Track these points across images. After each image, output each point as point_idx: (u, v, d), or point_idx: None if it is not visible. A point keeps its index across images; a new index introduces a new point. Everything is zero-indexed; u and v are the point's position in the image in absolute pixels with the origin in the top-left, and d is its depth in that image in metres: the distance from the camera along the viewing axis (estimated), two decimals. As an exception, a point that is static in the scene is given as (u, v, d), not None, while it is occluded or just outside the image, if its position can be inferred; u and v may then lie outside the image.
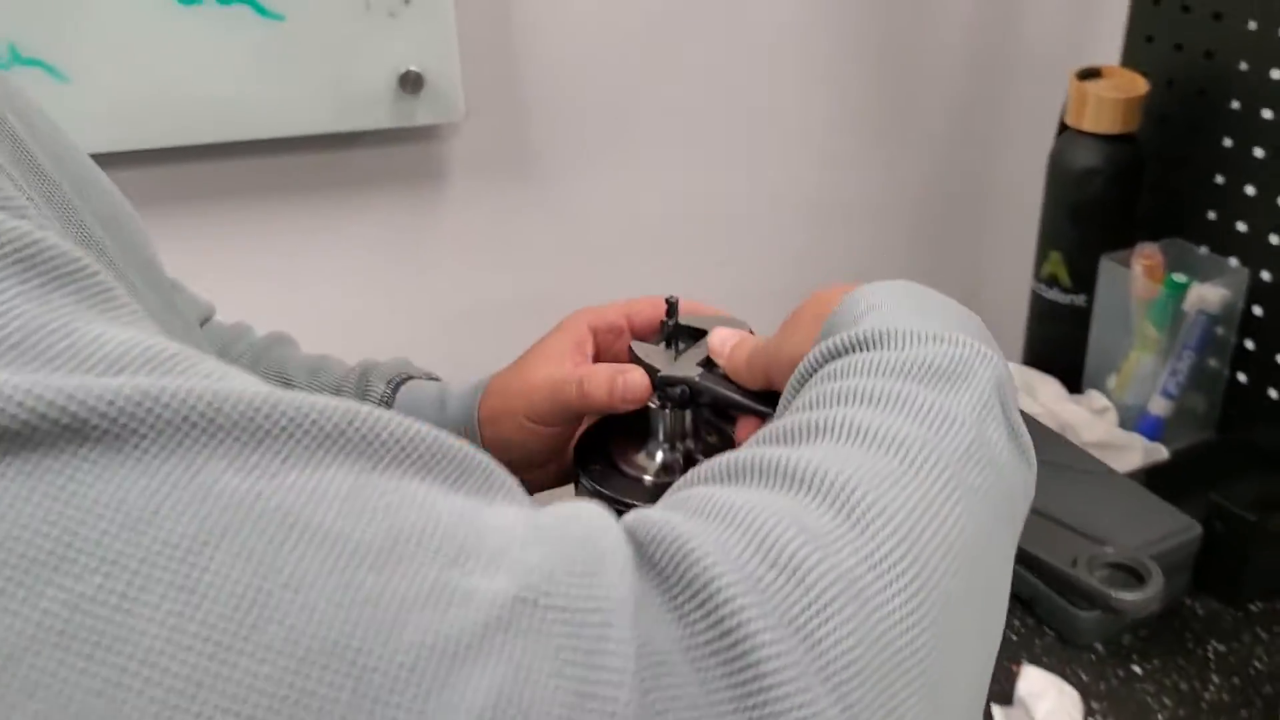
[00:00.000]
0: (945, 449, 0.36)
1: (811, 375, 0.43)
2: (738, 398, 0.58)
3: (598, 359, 0.66)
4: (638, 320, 0.66)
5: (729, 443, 0.65)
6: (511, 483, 0.32)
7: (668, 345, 0.63)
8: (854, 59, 1.25)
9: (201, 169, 1.06)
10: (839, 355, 0.42)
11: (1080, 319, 1.11)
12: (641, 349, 0.62)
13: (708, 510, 0.32)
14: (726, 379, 0.59)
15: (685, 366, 0.60)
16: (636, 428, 0.65)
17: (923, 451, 0.35)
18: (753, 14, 1.18)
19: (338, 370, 0.68)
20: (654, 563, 0.30)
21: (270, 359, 0.68)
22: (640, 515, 0.33)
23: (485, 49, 1.09)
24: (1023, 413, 1.01)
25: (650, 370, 0.60)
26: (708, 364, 0.60)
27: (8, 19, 0.93)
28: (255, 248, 1.10)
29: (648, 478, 0.63)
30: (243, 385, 0.28)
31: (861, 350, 0.41)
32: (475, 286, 1.20)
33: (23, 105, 0.42)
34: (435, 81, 1.05)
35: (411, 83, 1.04)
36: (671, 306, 0.63)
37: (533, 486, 0.69)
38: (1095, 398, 1.08)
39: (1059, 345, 1.15)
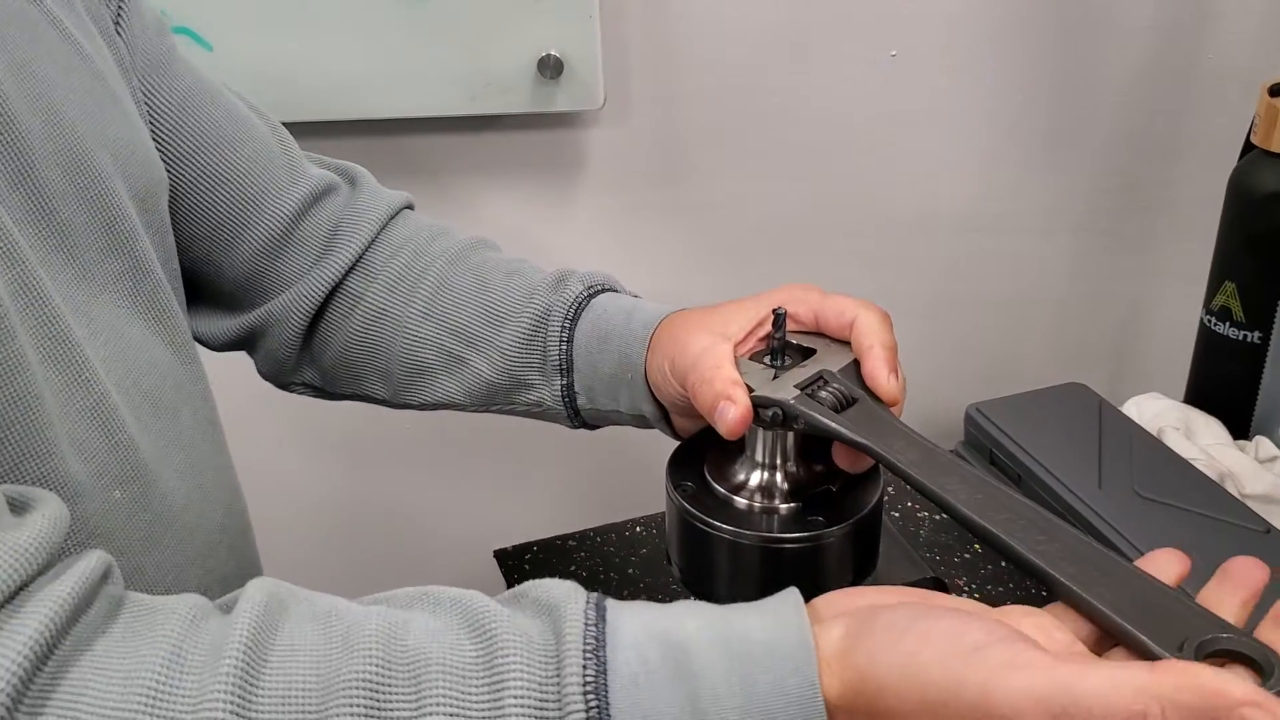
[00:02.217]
0: None
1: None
2: (833, 425, 0.53)
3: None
4: (824, 327, 0.61)
5: (834, 470, 0.61)
6: None
7: (773, 359, 0.59)
8: (1019, 62, 1.18)
9: (337, 145, 1.05)
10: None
11: (1253, 358, 1.02)
12: (742, 366, 0.58)
13: None
14: (822, 405, 0.54)
15: (782, 387, 0.55)
16: (736, 443, 0.61)
17: None
18: (913, 13, 1.12)
19: (534, 275, 0.70)
20: None
21: (467, 262, 0.71)
22: None
23: (628, 37, 1.06)
24: (1176, 456, 0.93)
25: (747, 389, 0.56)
26: (807, 385, 0.55)
27: (157, -14, 0.94)
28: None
29: (740, 500, 0.59)
30: None
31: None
32: (604, 279, 1.17)
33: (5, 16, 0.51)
34: (575, 67, 1.02)
35: (551, 67, 1.02)
36: (778, 319, 0.59)
37: (688, 432, 0.66)
38: (1264, 445, 0.99)
39: (1227, 384, 1.06)
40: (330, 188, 0.71)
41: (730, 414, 0.55)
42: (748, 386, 0.56)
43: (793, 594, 0.44)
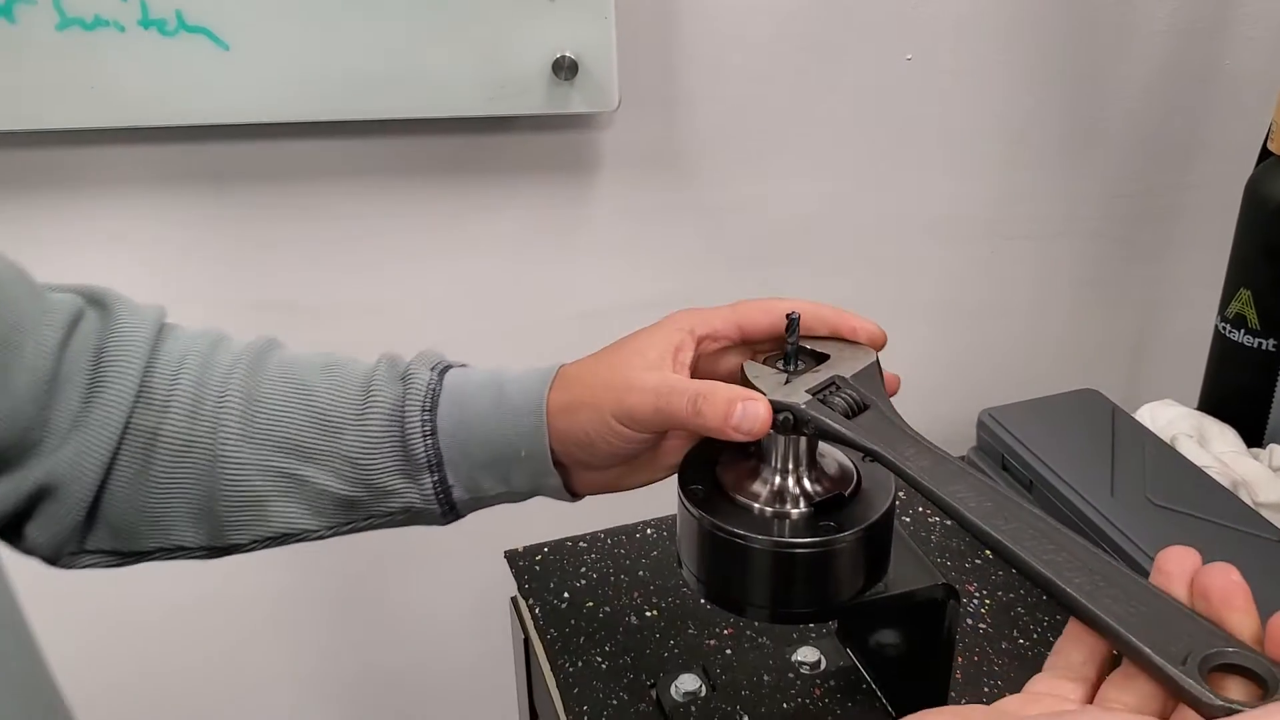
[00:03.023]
0: None
1: None
2: (843, 430, 0.53)
3: (694, 370, 0.62)
4: (750, 330, 0.61)
5: (846, 473, 0.61)
6: None
7: (785, 363, 0.59)
8: (1034, 67, 1.18)
9: (351, 145, 1.06)
10: None
11: (1268, 365, 1.02)
12: (753, 369, 0.58)
13: None
14: (834, 410, 0.54)
15: (794, 392, 0.56)
16: (747, 448, 0.61)
17: None
18: (929, 16, 1.12)
19: (357, 367, 0.64)
20: None
21: (269, 366, 0.63)
22: None
23: (644, 39, 1.06)
24: (1189, 463, 0.93)
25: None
26: (819, 391, 0.55)
27: (175, -14, 0.94)
28: (396, 228, 1.09)
29: (755, 506, 0.59)
30: None
31: None
32: (616, 281, 1.17)
33: None
34: (590, 69, 1.02)
35: (566, 69, 1.02)
36: (792, 323, 0.59)
37: (599, 487, 0.65)
38: (1278, 454, 0.99)
39: (1241, 392, 1.06)
40: (79, 312, 0.60)
41: (758, 411, 0.55)
42: (760, 391, 0.56)
43: None
